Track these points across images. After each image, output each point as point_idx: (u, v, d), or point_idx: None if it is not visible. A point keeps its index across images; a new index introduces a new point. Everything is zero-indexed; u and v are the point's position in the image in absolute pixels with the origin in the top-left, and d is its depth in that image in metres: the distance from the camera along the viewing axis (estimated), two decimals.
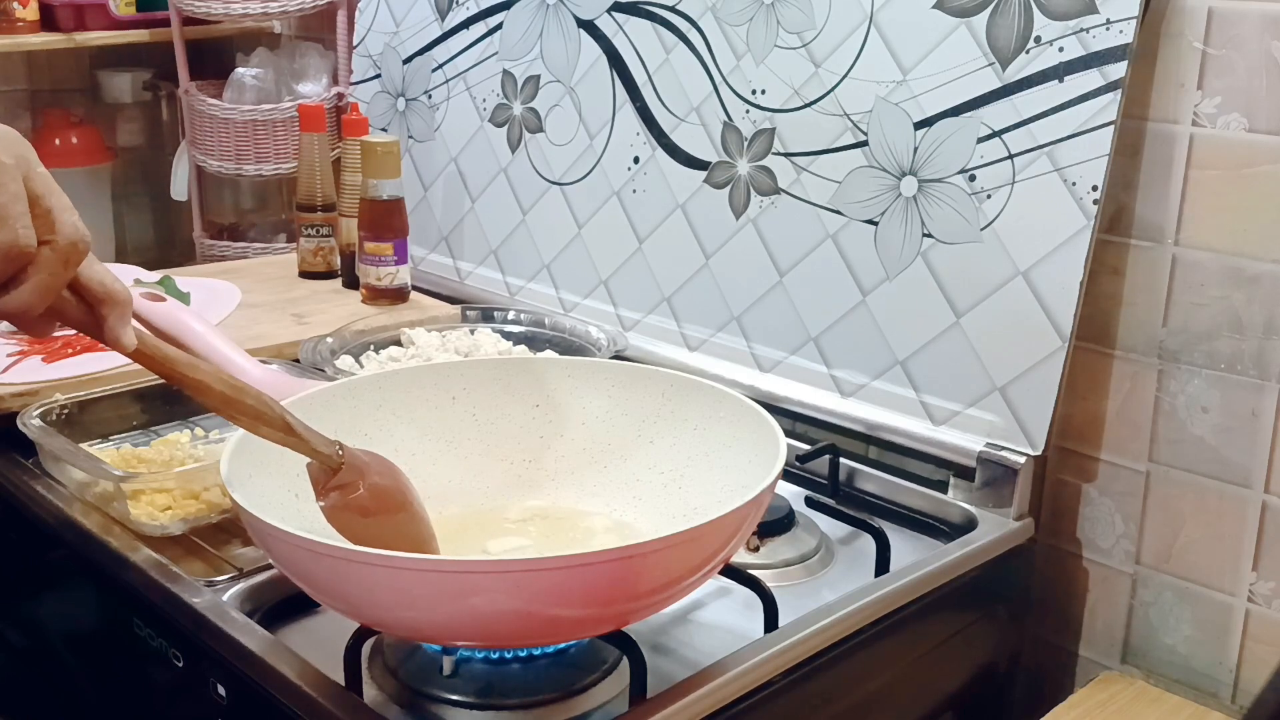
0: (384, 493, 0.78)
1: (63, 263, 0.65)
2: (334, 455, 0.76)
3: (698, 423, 0.91)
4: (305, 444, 0.75)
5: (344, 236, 1.52)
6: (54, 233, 0.64)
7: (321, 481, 0.77)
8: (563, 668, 0.81)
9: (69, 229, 0.65)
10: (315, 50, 1.98)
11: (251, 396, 0.74)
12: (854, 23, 1.13)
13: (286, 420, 0.75)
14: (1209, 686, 1.04)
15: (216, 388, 0.73)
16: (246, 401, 0.74)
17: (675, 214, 1.29)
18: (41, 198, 0.64)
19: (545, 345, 1.28)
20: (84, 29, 2.09)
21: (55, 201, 0.65)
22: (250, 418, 0.74)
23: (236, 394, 0.74)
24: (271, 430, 0.75)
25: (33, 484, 1.05)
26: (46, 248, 0.64)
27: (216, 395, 0.73)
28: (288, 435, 0.75)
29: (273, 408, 0.75)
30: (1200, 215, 0.99)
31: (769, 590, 0.86)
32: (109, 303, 0.69)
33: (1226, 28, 0.95)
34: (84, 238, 0.66)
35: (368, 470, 0.77)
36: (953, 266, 1.07)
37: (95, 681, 1.04)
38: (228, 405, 0.74)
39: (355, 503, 0.76)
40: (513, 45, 1.46)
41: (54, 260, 0.64)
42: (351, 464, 0.77)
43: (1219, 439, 1.00)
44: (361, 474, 0.77)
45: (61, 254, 0.65)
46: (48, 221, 0.64)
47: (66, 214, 0.65)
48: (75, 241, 0.65)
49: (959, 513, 1.05)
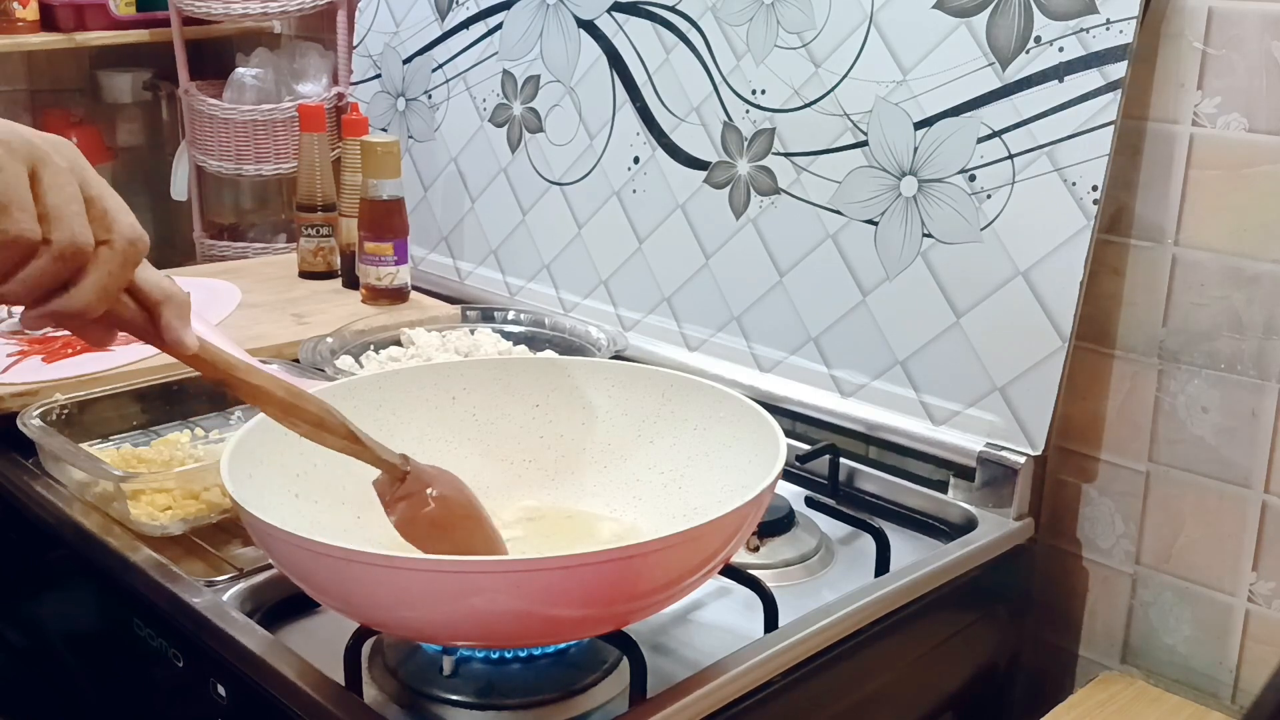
0: (451, 503, 0.78)
1: (121, 262, 0.65)
2: (399, 465, 0.76)
3: (698, 423, 0.91)
4: (370, 452, 0.75)
5: (344, 236, 1.52)
6: (111, 233, 0.64)
7: (388, 494, 0.77)
8: (563, 668, 0.81)
9: (127, 229, 0.65)
10: (315, 50, 1.98)
11: (314, 404, 0.74)
12: (854, 23, 1.13)
13: (349, 428, 0.75)
14: (1209, 686, 1.04)
15: (278, 394, 0.73)
16: (309, 409, 0.74)
17: (675, 214, 1.29)
18: (97, 199, 0.64)
19: (545, 345, 1.28)
20: (84, 29, 2.09)
21: (112, 203, 0.65)
22: (312, 425, 0.74)
23: (298, 401, 0.73)
24: (334, 438, 0.74)
25: (33, 484, 1.05)
26: (104, 247, 0.64)
27: (278, 402, 0.73)
28: (351, 443, 0.75)
29: (335, 415, 0.74)
30: (1200, 215, 0.99)
31: (769, 590, 0.86)
32: (168, 303, 0.69)
33: (1226, 28, 0.95)
34: (142, 238, 0.66)
35: (433, 481, 0.78)
36: (953, 266, 1.07)
37: (95, 681, 1.04)
38: (289, 413, 0.73)
39: (425, 515, 0.76)
40: (513, 45, 1.46)
41: (113, 259, 0.64)
42: (417, 475, 0.77)
43: (1219, 439, 1.00)
44: (427, 485, 0.77)
45: (120, 253, 0.65)
46: (105, 222, 0.64)
47: (123, 214, 0.65)
48: (133, 241, 0.65)
49: (959, 513, 1.05)
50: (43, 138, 0.63)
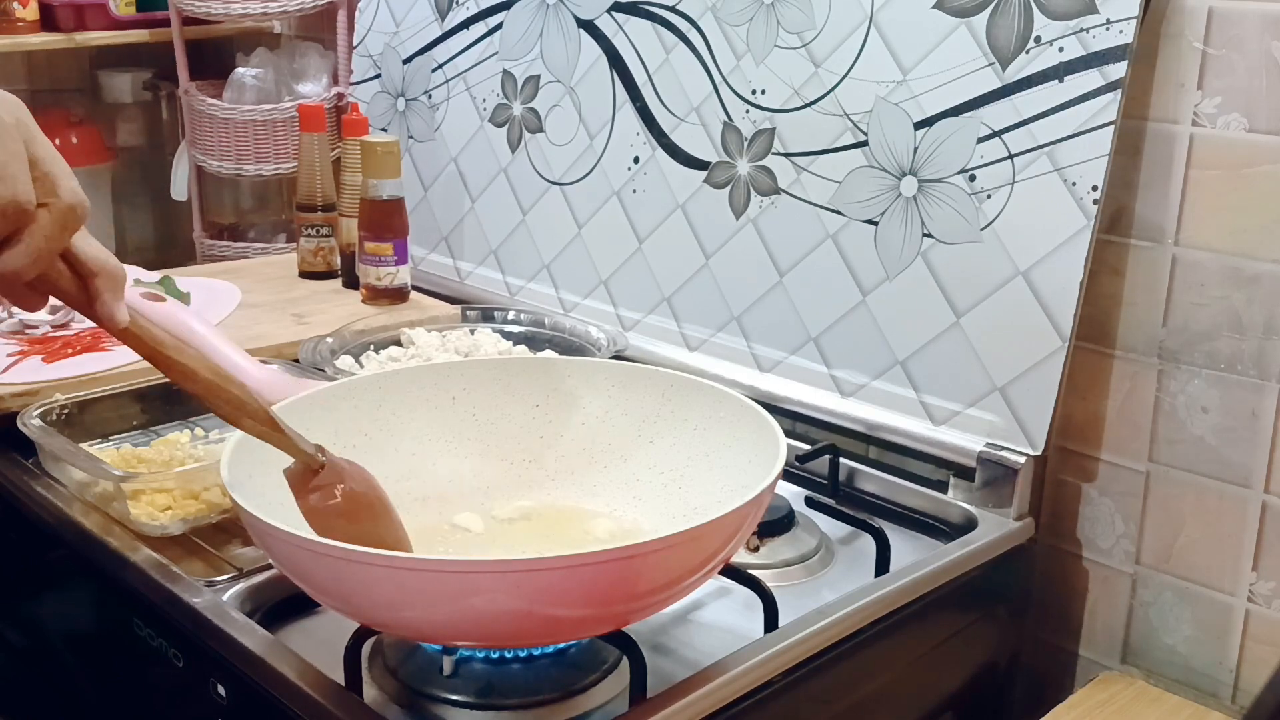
0: (363, 498, 0.78)
1: (60, 226, 0.64)
2: (315, 456, 0.77)
3: (698, 423, 0.91)
4: (288, 440, 0.75)
5: (344, 236, 1.52)
6: (53, 195, 0.63)
7: (302, 483, 0.77)
8: (563, 668, 0.81)
9: (68, 193, 0.64)
10: (315, 50, 1.98)
11: (236, 386, 0.74)
12: (854, 23, 1.13)
13: (271, 414, 0.75)
14: (1209, 686, 1.04)
15: (201, 374, 0.73)
16: (231, 390, 0.74)
17: (675, 214, 1.29)
18: (41, 161, 0.63)
19: (545, 345, 1.28)
20: (84, 29, 2.09)
21: (55, 167, 0.64)
22: (233, 407, 0.74)
23: (222, 382, 0.73)
24: (254, 423, 0.74)
25: (33, 484, 1.05)
26: (44, 210, 0.63)
27: (201, 381, 0.73)
28: (271, 430, 0.75)
29: (256, 400, 0.74)
30: (1200, 215, 0.99)
31: (769, 590, 0.86)
32: (103, 275, 0.68)
33: (1226, 28, 0.95)
34: (82, 202, 0.65)
35: (347, 475, 0.78)
36: (953, 266, 1.07)
37: (95, 681, 1.04)
38: (211, 392, 0.73)
39: (335, 506, 0.77)
40: (513, 45, 1.46)
41: (51, 223, 0.63)
42: (332, 467, 0.77)
43: (1219, 439, 1.00)
44: (341, 478, 0.77)
45: (59, 216, 0.64)
46: (47, 184, 0.63)
47: (66, 179, 0.64)
48: (74, 205, 0.64)
49: (959, 513, 1.05)
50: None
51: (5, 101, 0.63)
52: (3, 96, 0.63)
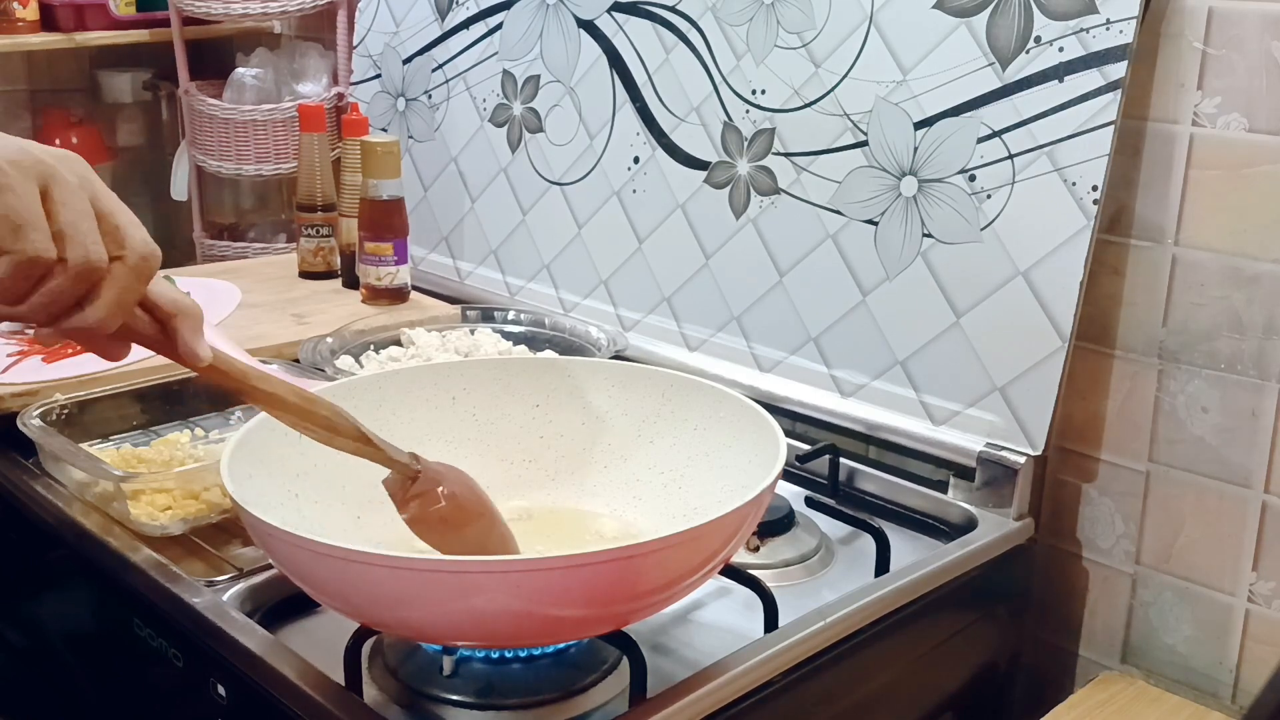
0: (463, 501, 0.79)
1: (135, 277, 0.65)
2: (411, 464, 0.77)
3: (698, 423, 0.91)
4: (381, 453, 0.76)
5: (344, 236, 1.52)
6: (124, 248, 0.64)
7: (400, 493, 0.77)
8: (563, 668, 0.81)
9: (139, 244, 0.65)
10: (315, 50, 1.98)
11: (325, 408, 0.75)
12: (854, 23, 1.13)
13: (361, 430, 0.75)
14: (1209, 686, 1.04)
15: (291, 400, 0.74)
16: (320, 413, 0.74)
17: (675, 214, 1.29)
18: (109, 215, 0.64)
19: (545, 345, 1.28)
20: (84, 29, 2.09)
21: (123, 218, 0.65)
22: (325, 429, 0.74)
23: (310, 406, 0.74)
24: (346, 440, 0.75)
25: (33, 484, 1.05)
26: (118, 263, 0.64)
27: (291, 408, 0.74)
28: (364, 445, 0.75)
29: (346, 418, 0.75)
30: (1200, 215, 0.99)
31: (769, 590, 0.86)
32: (180, 316, 0.69)
33: (1226, 28, 0.95)
34: (155, 252, 0.66)
35: (444, 479, 0.78)
36: (953, 266, 1.07)
37: (95, 681, 1.04)
38: (303, 418, 0.74)
39: (437, 513, 0.77)
40: (513, 45, 1.46)
41: (127, 275, 0.65)
42: (428, 474, 0.77)
43: (1219, 439, 1.00)
44: (438, 483, 0.77)
45: (133, 269, 0.65)
46: (117, 238, 0.64)
47: (135, 229, 0.65)
48: (146, 256, 0.65)
49: (959, 513, 1.05)
50: (51, 153, 0.63)
51: (67, 160, 0.64)
52: (63, 155, 0.64)
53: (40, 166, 0.62)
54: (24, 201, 0.61)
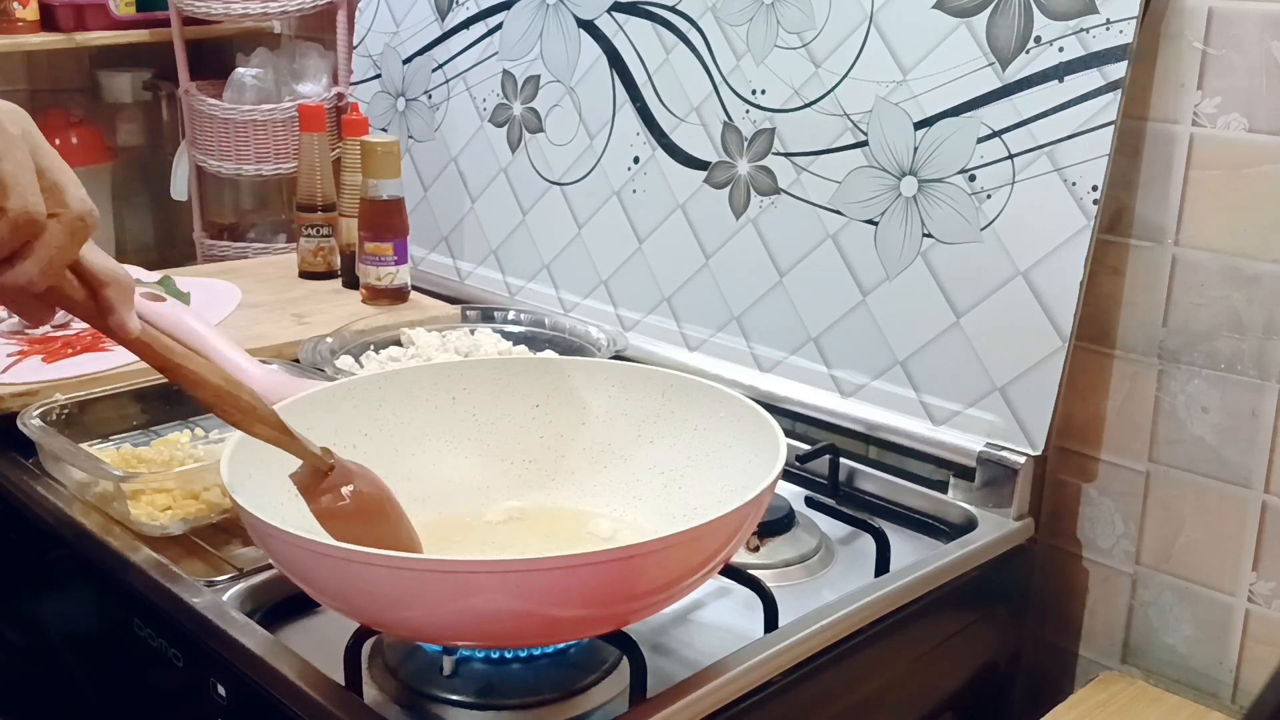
0: (372, 499, 0.78)
1: (70, 235, 0.64)
2: (324, 459, 0.77)
3: (698, 423, 0.90)
4: (298, 443, 0.76)
5: (344, 236, 1.52)
6: (62, 205, 0.63)
7: (311, 486, 0.77)
8: (563, 668, 0.81)
9: (76, 202, 0.64)
10: (315, 50, 1.98)
11: (246, 393, 0.74)
12: (854, 23, 1.13)
13: (279, 419, 0.75)
14: (1209, 686, 1.04)
15: (212, 381, 0.73)
16: (242, 398, 0.74)
17: (675, 214, 1.29)
18: (48, 170, 0.63)
19: (545, 345, 1.28)
20: (84, 29, 2.09)
21: (62, 176, 0.64)
22: (244, 414, 0.74)
23: (233, 389, 0.73)
24: (265, 428, 0.75)
25: (33, 484, 1.05)
26: (54, 220, 0.63)
27: (211, 389, 0.73)
28: (282, 435, 0.75)
29: (266, 406, 0.75)
30: (1200, 215, 0.99)
31: (769, 590, 0.86)
32: (113, 285, 0.68)
33: (1226, 28, 0.95)
34: (91, 211, 0.65)
35: (354, 477, 0.78)
36: (953, 266, 1.07)
37: (95, 681, 1.04)
38: (222, 400, 0.73)
39: (345, 508, 0.77)
40: (513, 45, 1.46)
41: (61, 233, 0.63)
42: (340, 469, 0.77)
43: (1219, 439, 1.00)
44: (349, 480, 0.77)
45: (69, 226, 0.63)
46: (55, 194, 0.63)
47: (73, 188, 0.64)
48: (83, 215, 0.64)
49: (959, 513, 1.05)
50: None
51: (10, 112, 0.63)
52: (7, 108, 0.63)
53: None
54: None
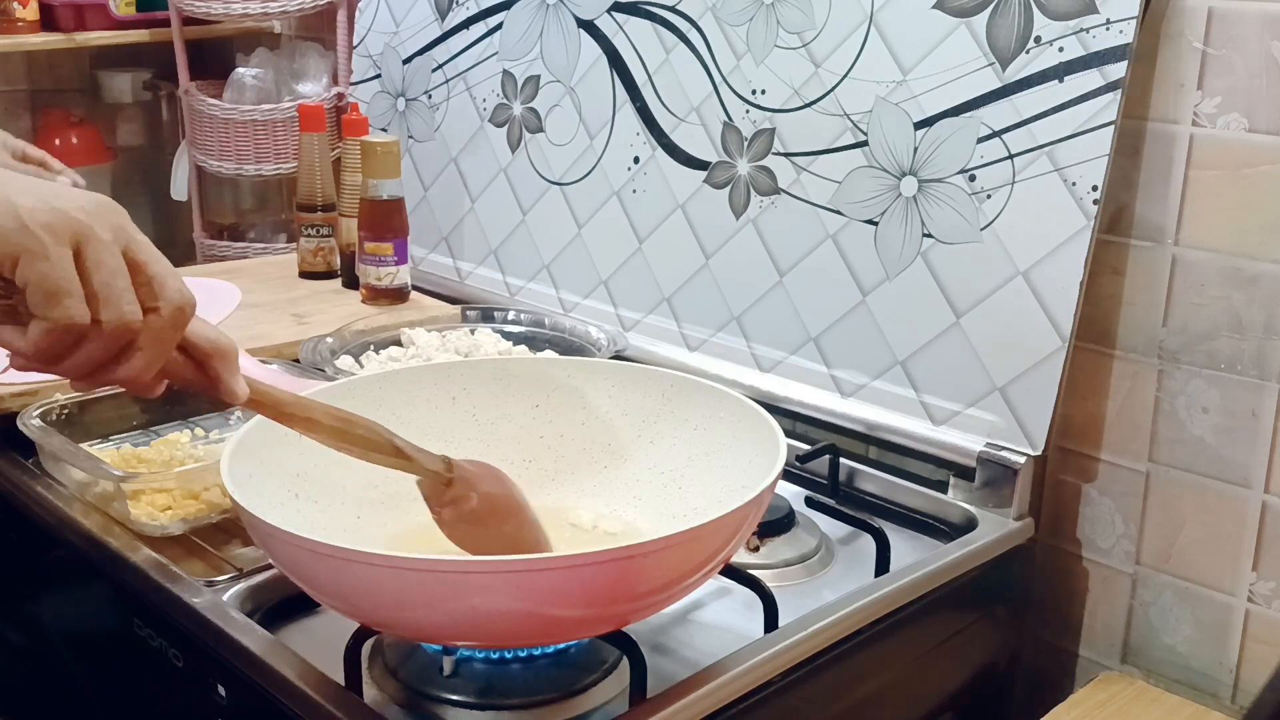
0: (496, 500, 0.80)
1: (171, 329, 0.66)
2: (444, 471, 0.78)
3: (698, 423, 0.90)
4: (416, 464, 0.77)
5: (344, 236, 1.52)
6: (159, 299, 0.65)
7: (435, 497, 0.78)
8: (563, 668, 0.81)
9: (174, 294, 0.65)
10: (315, 50, 1.98)
11: (361, 427, 0.76)
12: (854, 23, 1.13)
13: (396, 444, 0.76)
14: (1209, 686, 1.04)
15: (327, 423, 0.75)
16: (357, 432, 0.75)
17: (675, 214, 1.29)
18: (143, 266, 0.64)
19: (545, 345, 1.28)
20: (84, 29, 2.09)
21: (157, 268, 0.65)
22: (362, 447, 0.76)
23: (347, 426, 0.75)
24: (383, 456, 0.76)
25: (33, 484, 1.05)
26: (153, 315, 0.65)
27: (328, 430, 0.75)
28: (399, 459, 0.76)
29: (381, 434, 0.76)
30: (1200, 215, 0.99)
31: (769, 590, 0.86)
32: (217, 356, 0.70)
33: (1226, 28, 0.95)
34: (190, 302, 0.66)
35: (478, 481, 0.79)
36: (953, 266, 1.07)
37: (95, 681, 1.04)
38: (340, 438, 0.75)
39: (470, 515, 0.78)
40: (513, 45, 1.46)
41: (162, 328, 0.65)
42: (461, 477, 0.78)
43: (1219, 439, 1.00)
44: (472, 485, 0.78)
45: (169, 321, 0.65)
46: (151, 290, 0.64)
47: (170, 279, 0.65)
48: (181, 306, 0.66)
49: (959, 513, 1.05)
50: (84, 208, 0.63)
51: (102, 214, 0.63)
52: (97, 206, 0.64)
53: (74, 227, 0.62)
54: (58, 269, 0.61)
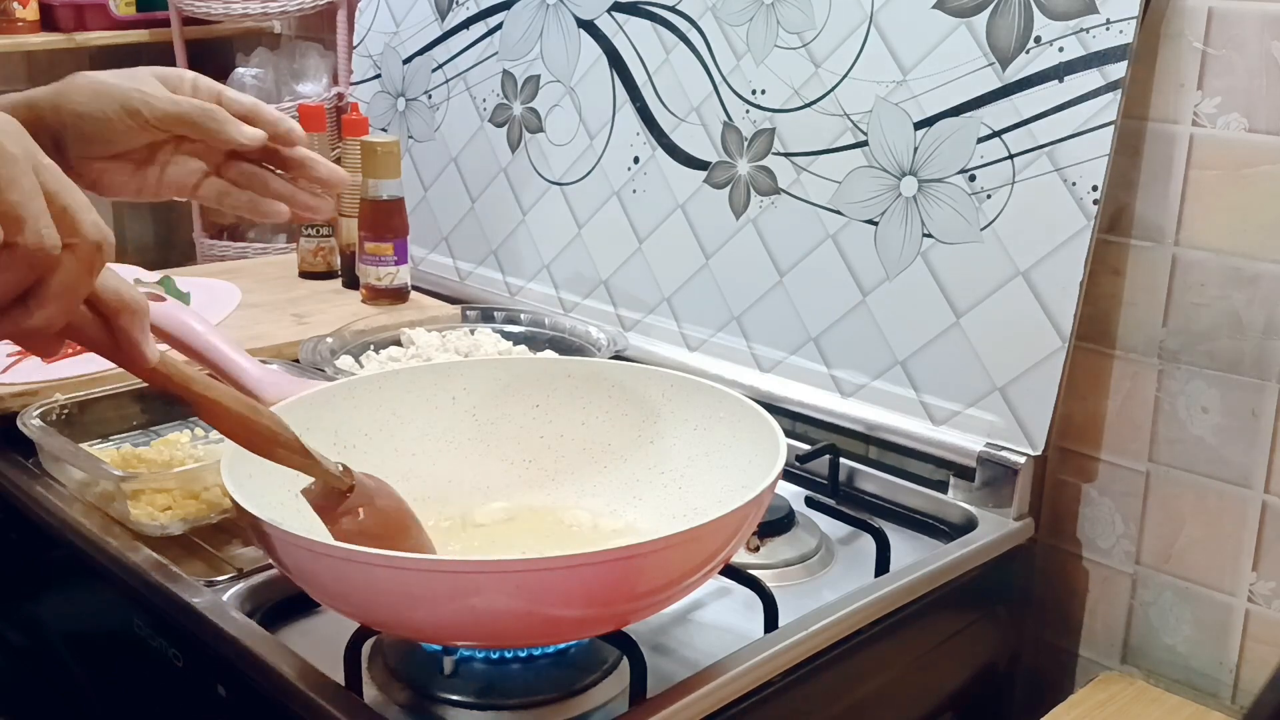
0: (393, 514, 0.78)
1: (86, 267, 0.57)
2: (345, 479, 0.75)
3: (698, 423, 0.90)
4: (318, 465, 0.74)
5: (344, 236, 1.52)
6: (75, 234, 0.57)
7: (328, 507, 0.75)
8: (563, 668, 0.81)
9: (91, 228, 0.57)
10: (315, 50, 1.98)
11: (267, 418, 0.72)
12: (854, 23, 1.13)
13: (302, 443, 0.73)
14: (1209, 686, 1.04)
15: (233, 409, 0.70)
16: (262, 423, 0.72)
17: (675, 214, 1.29)
18: (56, 195, 0.56)
19: (545, 345, 1.28)
20: (84, 29, 2.09)
21: (72, 199, 0.56)
22: (266, 440, 0.72)
23: (253, 415, 0.71)
24: (286, 452, 0.73)
25: (33, 484, 1.05)
26: (67, 252, 0.56)
27: (232, 417, 0.70)
28: (303, 457, 0.73)
29: (288, 429, 0.73)
30: (1200, 215, 0.99)
31: (769, 590, 0.86)
32: (125, 312, 0.63)
33: (1226, 28, 0.95)
34: (108, 238, 0.58)
35: (374, 494, 0.77)
36: (953, 266, 1.07)
37: (95, 681, 1.04)
38: (243, 427, 0.71)
39: (369, 527, 0.75)
40: (513, 45, 1.46)
41: (76, 265, 0.57)
42: (360, 488, 0.76)
43: (1219, 439, 1.00)
44: (369, 498, 0.76)
45: (85, 257, 0.57)
46: (66, 221, 0.56)
47: (85, 212, 0.57)
48: (99, 243, 0.58)
49: (959, 513, 1.05)
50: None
51: (9, 132, 0.55)
52: (5, 125, 0.55)
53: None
54: None
